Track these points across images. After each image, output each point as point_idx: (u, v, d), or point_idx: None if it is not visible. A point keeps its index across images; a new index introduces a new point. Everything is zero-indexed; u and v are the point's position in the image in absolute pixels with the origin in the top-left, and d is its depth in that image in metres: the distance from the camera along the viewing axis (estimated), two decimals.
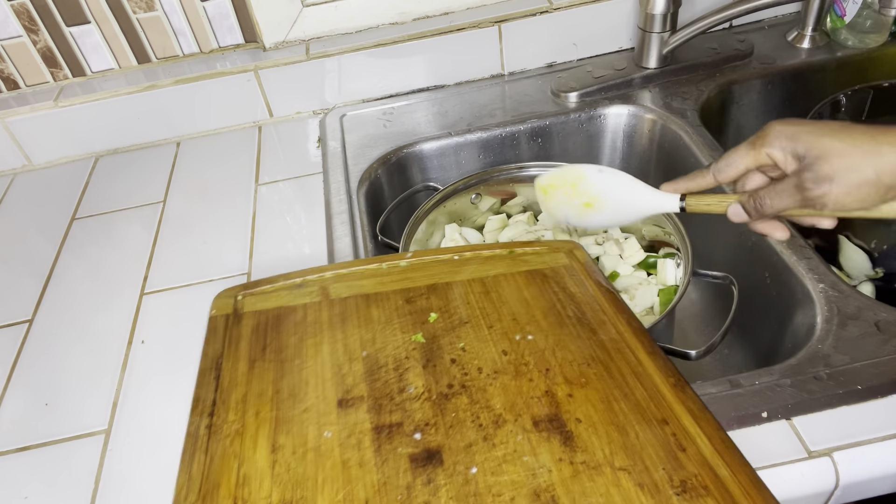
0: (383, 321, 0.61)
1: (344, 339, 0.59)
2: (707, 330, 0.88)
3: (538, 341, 0.57)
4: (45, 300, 0.82)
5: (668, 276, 0.77)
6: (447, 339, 0.58)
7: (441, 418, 0.51)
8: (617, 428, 0.49)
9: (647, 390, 0.52)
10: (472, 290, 0.64)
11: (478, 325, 0.60)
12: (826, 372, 0.59)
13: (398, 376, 0.55)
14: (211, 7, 0.98)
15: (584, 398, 0.51)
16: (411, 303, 0.63)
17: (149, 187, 0.96)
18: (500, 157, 0.97)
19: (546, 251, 0.70)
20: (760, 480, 0.46)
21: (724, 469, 0.46)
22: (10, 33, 0.96)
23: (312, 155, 0.97)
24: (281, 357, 0.58)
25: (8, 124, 1.00)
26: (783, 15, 1.08)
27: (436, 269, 0.68)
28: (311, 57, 0.99)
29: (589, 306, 0.61)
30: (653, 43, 0.96)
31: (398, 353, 0.57)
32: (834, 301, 0.66)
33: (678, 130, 0.91)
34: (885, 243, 0.79)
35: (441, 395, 0.53)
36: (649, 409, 0.50)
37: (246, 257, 0.82)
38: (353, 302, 0.64)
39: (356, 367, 0.56)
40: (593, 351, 0.56)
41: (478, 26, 0.99)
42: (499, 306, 0.62)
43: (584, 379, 0.53)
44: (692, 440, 0.48)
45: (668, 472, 0.46)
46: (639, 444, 0.48)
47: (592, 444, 0.48)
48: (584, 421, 0.50)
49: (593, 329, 0.58)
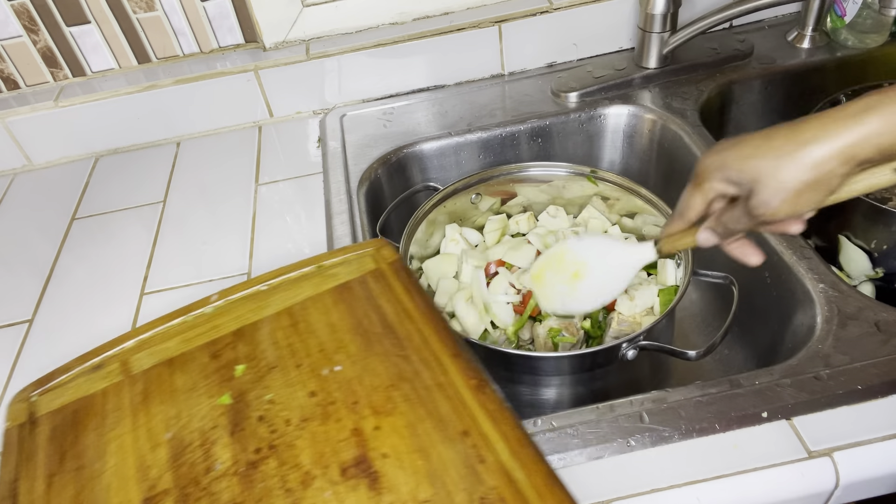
0: (188, 388, 0.58)
1: (147, 422, 0.56)
2: (707, 330, 0.88)
3: (346, 371, 0.56)
4: (45, 300, 0.82)
5: (668, 276, 0.77)
6: (255, 392, 0.56)
7: (249, 493, 0.49)
8: (421, 454, 0.49)
9: (450, 401, 0.52)
10: (279, 326, 0.62)
11: (286, 367, 0.58)
12: (826, 372, 0.59)
13: (204, 453, 0.53)
14: (211, 7, 0.98)
15: (390, 428, 0.52)
16: (217, 357, 0.60)
17: (149, 187, 0.96)
18: (500, 157, 0.97)
19: (354, 257, 0.69)
20: (554, 476, 0.47)
21: (519, 472, 0.47)
22: (10, 33, 0.96)
23: (312, 155, 0.97)
24: (80, 464, 0.54)
25: (8, 124, 1.00)
26: (783, 15, 1.08)
27: (243, 309, 0.66)
28: (312, 57, 0.99)
29: (395, 314, 0.61)
30: (653, 43, 0.96)
31: (204, 424, 0.55)
32: (834, 301, 0.65)
33: (678, 130, 0.91)
34: (885, 243, 0.79)
35: (249, 465, 0.51)
36: (451, 424, 0.51)
37: (246, 257, 0.82)
38: (155, 373, 0.61)
39: (160, 454, 0.53)
40: (399, 368, 0.56)
41: (478, 26, 0.99)
42: (307, 338, 0.60)
43: (391, 404, 0.53)
44: (491, 448, 0.49)
45: (469, 491, 0.46)
46: (441, 466, 0.48)
47: (398, 480, 0.48)
48: (390, 455, 0.50)
49: (399, 341, 0.58)
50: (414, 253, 0.81)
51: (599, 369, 0.67)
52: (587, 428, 0.58)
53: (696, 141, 0.87)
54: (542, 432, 0.58)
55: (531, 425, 0.59)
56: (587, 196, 0.87)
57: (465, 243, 0.85)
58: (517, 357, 0.68)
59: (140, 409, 0.57)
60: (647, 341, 0.65)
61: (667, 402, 0.59)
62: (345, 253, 0.70)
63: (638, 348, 0.65)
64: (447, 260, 0.84)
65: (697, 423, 0.57)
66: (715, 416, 0.57)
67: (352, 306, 0.63)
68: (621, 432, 0.57)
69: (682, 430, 0.57)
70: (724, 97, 0.99)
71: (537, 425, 0.59)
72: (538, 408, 0.69)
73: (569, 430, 0.58)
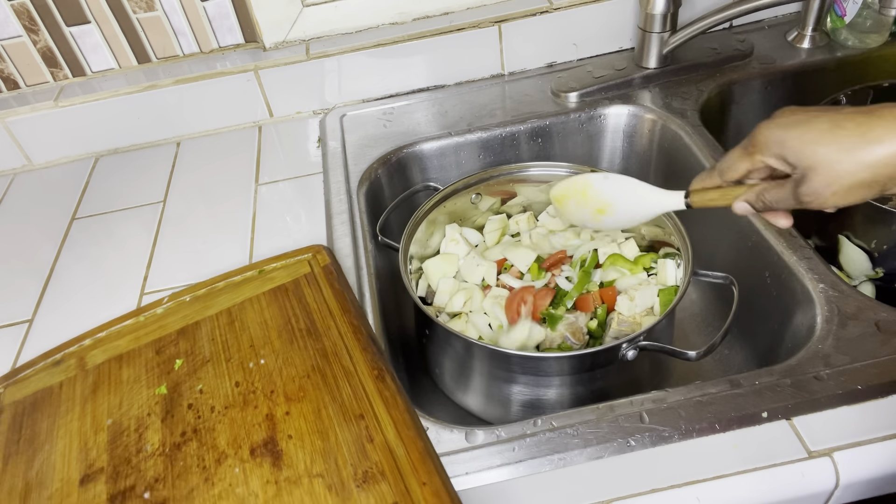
0: (132, 380, 0.66)
1: (93, 410, 0.63)
2: (707, 330, 0.88)
3: (268, 364, 0.64)
4: (45, 300, 0.82)
5: (668, 276, 0.77)
6: (188, 383, 0.64)
7: (171, 470, 0.56)
8: (321, 435, 0.56)
9: (353, 389, 0.60)
10: (218, 325, 0.69)
11: (218, 360, 0.65)
12: (826, 372, 0.59)
13: (138, 437, 0.60)
14: (211, 7, 0.98)
15: (298, 413, 0.59)
16: (161, 353, 0.68)
17: (149, 187, 0.96)
18: (500, 157, 0.97)
19: (292, 262, 0.76)
20: (428, 451, 0.54)
21: (401, 449, 0.54)
22: (10, 33, 0.96)
23: (312, 155, 0.97)
24: (33, 446, 0.61)
25: (8, 124, 1.00)
26: (783, 15, 1.08)
27: (190, 310, 0.73)
28: (312, 57, 0.99)
29: (319, 314, 0.68)
30: (653, 43, 0.96)
31: (141, 412, 0.62)
32: (834, 301, 0.65)
33: (678, 130, 0.91)
34: (885, 243, 0.79)
35: (174, 446, 0.58)
36: (351, 408, 0.58)
37: (246, 257, 0.82)
38: (106, 367, 0.68)
39: (101, 437, 0.61)
40: (315, 360, 0.63)
41: (478, 26, 0.99)
42: (240, 335, 0.67)
43: (303, 392, 0.60)
44: (381, 429, 0.56)
45: (355, 466, 0.53)
46: (336, 445, 0.55)
47: (297, 457, 0.55)
48: (294, 436, 0.57)
49: (319, 336, 0.65)
50: (414, 253, 0.81)
51: (599, 369, 0.67)
52: (587, 428, 0.58)
53: (696, 141, 0.87)
54: (542, 432, 0.58)
55: (531, 425, 0.59)
56: None
57: (465, 243, 0.85)
58: (517, 357, 0.68)
59: (89, 399, 0.65)
60: (647, 341, 0.65)
61: (667, 402, 0.59)
62: (285, 259, 0.77)
63: (638, 348, 0.65)
64: (447, 260, 0.84)
65: (697, 423, 0.57)
66: (715, 416, 0.57)
67: (283, 306, 0.70)
68: (621, 432, 0.57)
69: (682, 430, 0.57)
70: (724, 97, 0.99)
71: (537, 425, 0.59)
72: (538, 408, 0.69)
73: (569, 430, 0.58)
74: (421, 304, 0.71)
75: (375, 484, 0.52)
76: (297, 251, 0.77)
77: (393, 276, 0.84)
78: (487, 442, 0.58)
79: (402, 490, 0.51)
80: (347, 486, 0.52)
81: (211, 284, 0.76)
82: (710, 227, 0.84)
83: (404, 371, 0.80)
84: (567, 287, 0.79)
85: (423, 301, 0.83)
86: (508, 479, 0.56)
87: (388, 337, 0.74)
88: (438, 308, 0.81)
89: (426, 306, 0.77)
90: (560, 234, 0.86)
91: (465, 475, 0.56)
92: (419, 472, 0.52)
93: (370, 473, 0.52)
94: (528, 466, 0.56)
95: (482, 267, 0.81)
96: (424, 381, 0.81)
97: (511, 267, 0.83)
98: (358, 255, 0.78)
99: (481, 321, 0.77)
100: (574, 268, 0.81)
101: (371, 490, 0.51)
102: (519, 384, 0.69)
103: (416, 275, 0.84)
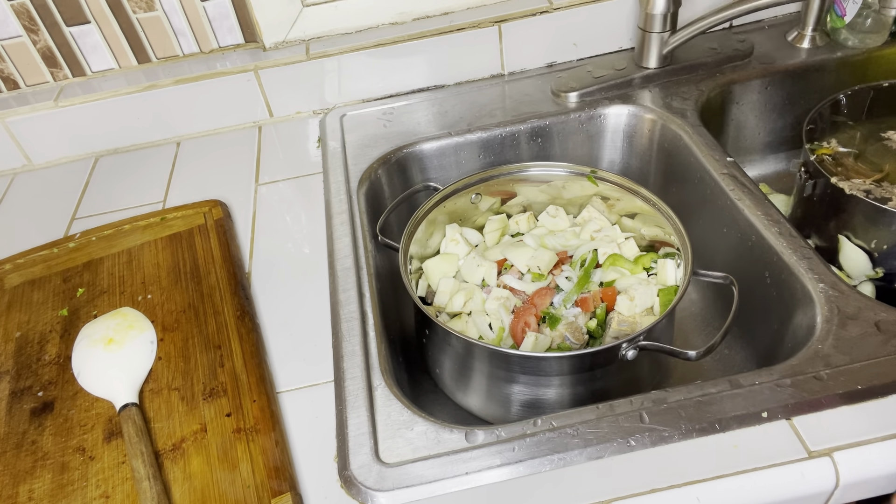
0: (40, 302, 0.79)
1: (5, 324, 0.77)
2: (707, 330, 0.88)
3: (154, 298, 0.77)
4: None
5: (668, 276, 0.77)
6: (86, 309, 0.77)
7: (62, 376, 0.70)
8: (184, 359, 0.70)
9: (217, 324, 0.73)
10: (118, 262, 0.82)
11: (113, 292, 0.79)
12: (826, 372, 0.59)
13: (39, 348, 0.74)
14: (211, 7, 0.98)
15: (170, 340, 0.72)
16: (67, 282, 0.81)
17: (149, 187, 0.96)
18: (500, 157, 0.97)
19: (191, 213, 0.88)
20: (263, 378, 0.66)
21: (244, 374, 0.67)
22: (10, 33, 0.96)
23: (312, 155, 0.97)
24: None
25: (8, 124, 1.00)
26: (783, 15, 1.08)
27: (97, 247, 0.85)
28: (311, 57, 0.99)
29: (203, 260, 0.80)
30: (653, 43, 0.96)
31: (44, 329, 0.76)
32: (834, 301, 0.65)
33: (678, 130, 0.91)
34: (885, 243, 0.79)
35: (66, 358, 0.72)
36: (213, 339, 0.71)
37: (246, 257, 0.82)
38: (20, 289, 0.81)
39: (9, 346, 0.74)
40: (192, 299, 0.76)
41: (478, 26, 0.99)
42: (135, 272, 0.80)
43: (177, 324, 0.74)
44: (232, 358, 0.69)
45: (205, 384, 0.67)
46: (195, 367, 0.69)
47: (162, 374, 0.69)
48: (163, 358, 0.71)
49: (200, 279, 0.78)
50: (414, 253, 0.81)
51: (599, 369, 0.67)
52: (587, 428, 0.58)
53: (696, 141, 0.87)
54: (542, 432, 0.58)
55: (531, 425, 0.59)
56: (587, 196, 0.87)
57: (465, 243, 0.85)
58: (517, 357, 0.68)
59: (3, 315, 0.78)
60: (647, 341, 0.65)
61: (667, 402, 0.59)
62: (185, 210, 0.89)
63: (638, 348, 0.65)
64: (447, 260, 0.84)
65: (697, 423, 0.57)
66: (715, 416, 0.57)
67: (175, 251, 0.82)
68: (621, 432, 0.57)
69: (682, 430, 0.57)
70: (724, 97, 0.99)
71: (537, 425, 0.59)
72: (538, 408, 0.69)
73: (569, 430, 0.58)
74: (421, 304, 0.71)
75: (218, 398, 0.65)
76: (195, 203, 0.89)
77: (393, 276, 0.84)
78: (487, 442, 0.58)
79: (237, 405, 0.64)
80: (196, 398, 0.66)
81: (119, 226, 0.87)
82: (710, 227, 0.84)
83: (404, 371, 0.80)
84: (567, 287, 0.79)
85: (423, 301, 0.83)
86: (508, 479, 0.56)
87: (389, 337, 0.74)
88: (438, 308, 0.81)
89: (426, 306, 0.77)
90: (560, 235, 0.87)
91: (465, 475, 0.56)
92: (253, 393, 0.65)
93: (216, 391, 0.66)
94: (528, 466, 0.56)
95: (482, 267, 0.81)
96: (424, 381, 0.81)
97: (511, 267, 0.83)
98: (358, 255, 0.78)
99: (482, 321, 0.77)
100: (574, 268, 0.81)
101: (214, 402, 0.65)
102: (519, 384, 0.69)
103: (416, 275, 0.84)
